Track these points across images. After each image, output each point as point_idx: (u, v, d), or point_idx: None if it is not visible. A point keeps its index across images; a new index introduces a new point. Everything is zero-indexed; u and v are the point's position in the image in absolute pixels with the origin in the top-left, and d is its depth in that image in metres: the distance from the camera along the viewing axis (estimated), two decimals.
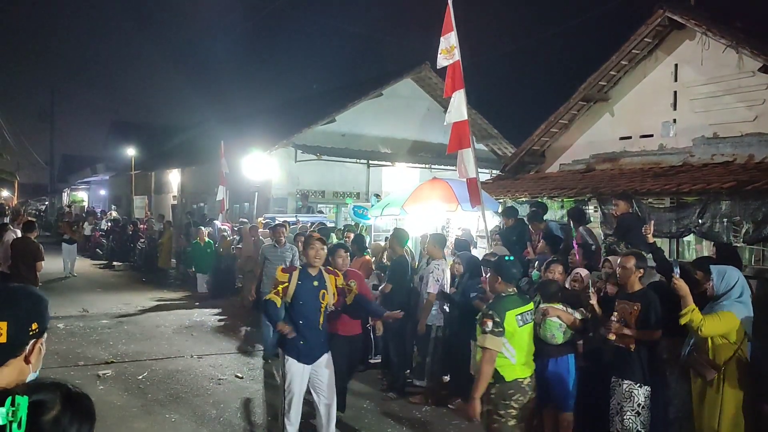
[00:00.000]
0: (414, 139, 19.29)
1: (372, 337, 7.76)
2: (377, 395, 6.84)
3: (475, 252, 7.98)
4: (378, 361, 7.87)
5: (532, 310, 4.40)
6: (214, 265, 13.72)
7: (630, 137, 11.26)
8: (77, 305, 11.97)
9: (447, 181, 9.03)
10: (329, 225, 12.87)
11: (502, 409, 4.14)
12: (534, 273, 6.61)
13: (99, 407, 1.41)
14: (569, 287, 5.64)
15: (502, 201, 10.48)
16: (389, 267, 7.64)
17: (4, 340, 1.57)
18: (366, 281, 7.77)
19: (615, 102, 11.57)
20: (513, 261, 4.53)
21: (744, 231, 7.26)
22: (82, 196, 40.16)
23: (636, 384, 4.66)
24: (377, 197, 13.74)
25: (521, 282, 6.31)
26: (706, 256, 6.37)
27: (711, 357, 4.54)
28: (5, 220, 18.42)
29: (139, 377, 7.29)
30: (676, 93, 10.47)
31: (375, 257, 8.89)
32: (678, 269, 4.81)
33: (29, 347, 1.61)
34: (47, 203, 47.08)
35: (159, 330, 10.02)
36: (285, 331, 4.84)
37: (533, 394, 4.30)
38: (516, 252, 7.48)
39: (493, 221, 8.86)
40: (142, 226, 20.68)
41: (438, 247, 6.92)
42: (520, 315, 4.21)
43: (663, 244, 7.83)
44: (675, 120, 10.47)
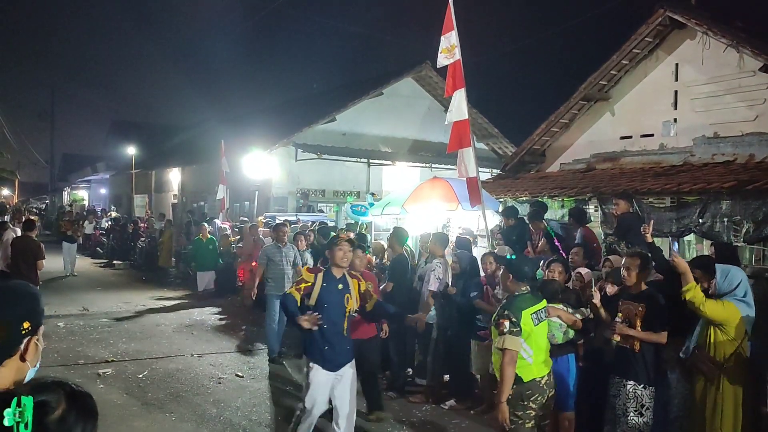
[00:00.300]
0: (414, 139, 19.30)
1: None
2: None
3: (476, 251, 7.97)
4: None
5: (545, 307, 4.37)
6: (217, 263, 13.74)
7: (630, 137, 11.26)
8: (77, 304, 11.97)
9: (447, 181, 9.02)
10: (330, 224, 12.87)
11: (520, 410, 4.08)
12: (539, 272, 6.59)
13: (99, 406, 1.41)
14: (571, 287, 5.64)
15: (502, 200, 10.48)
16: (389, 266, 7.64)
17: None
18: None
19: (615, 101, 11.57)
20: (525, 259, 4.49)
21: (744, 231, 7.25)
22: (82, 194, 40.17)
23: (640, 385, 4.65)
24: (372, 196, 13.75)
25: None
26: (705, 255, 6.36)
27: (712, 355, 4.54)
28: (6, 218, 18.42)
29: (140, 376, 7.29)
30: (676, 92, 10.48)
31: (376, 256, 8.89)
32: (677, 246, 4.78)
33: (24, 345, 1.60)
34: (47, 202, 47.10)
35: (159, 329, 10.02)
36: (308, 325, 4.51)
37: (552, 392, 4.24)
38: (516, 251, 7.48)
39: (494, 220, 8.85)
40: (142, 224, 20.68)
41: (440, 246, 6.91)
42: (534, 313, 4.18)
43: (663, 243, 7.83)
44: (675, 119, 10.47)
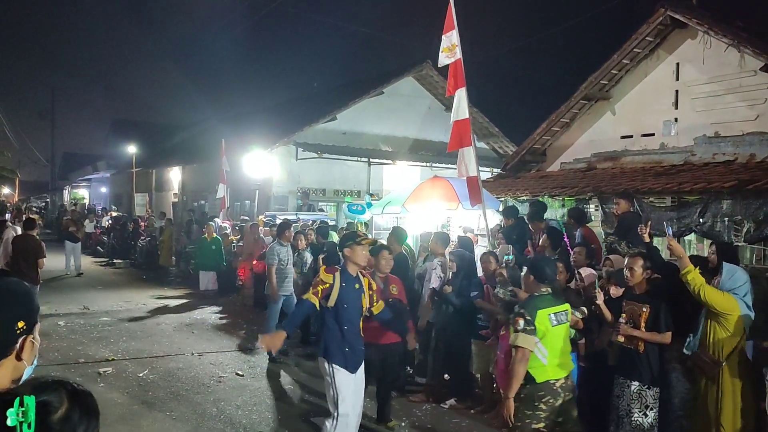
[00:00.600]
0: (415, 138, 19.29)
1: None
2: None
3: (477, 250, 7.96)
4: None
5: (567, 310, 4.33)
6: (221, 264, 13.73)
7: (631, 136, 11.25)
8: (78, 303, 11.98)
9: (448, 180, 9.01)
10: (330, 223, 12.87)
11: (529, 410, 4.08)
12: None
13: (99, 405, 1.41)
14: (573, 287, 5.63)
15: (503, 200, 10.48)
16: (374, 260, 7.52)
17: None
18: None
19: (616, 101, 11.57)
20: (548, 260, 4.45)
21: (745, 230, 7.25)
22: (83, 193, 40.19)
23: (644, 386, 4.66)
24: (371, 196, 13.75)
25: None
26: (699, 255, 6.35)
27: (711, 352, 4.55)
28: (6, 217, 18.42)
29: (140, 375, 7.30)
30: (677, 92, 10.47)
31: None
32: (671, 230, 4.79)
33: (19, 345, 1.60)
34: (48, 200, 47.11)
35: (160, 327, 10.03)
36: (267, 346, 4.75)
37: (567, 395, 4.19)
38: (517, 251, 7.48)
39: (494, 220, 8.85)
40: (142, 223, 20.69)
41: (440, 245, 6.90)
42: (553, 314, 4.15)
43: (662, 243, 7.82)
44: (676, 119, 10.46)
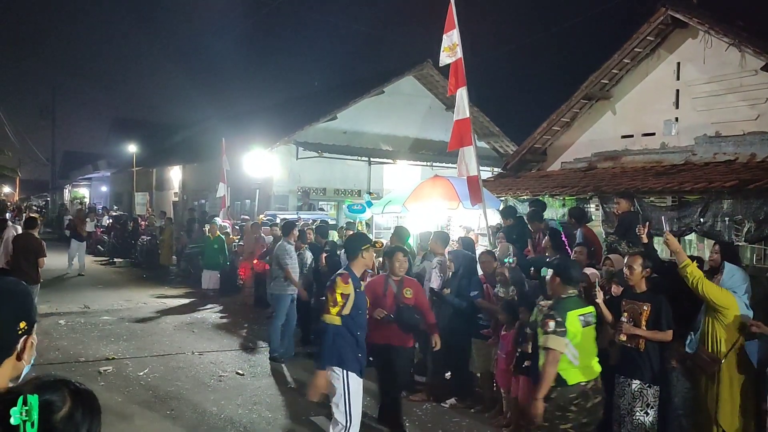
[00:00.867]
0: (415, 137, 19.29)
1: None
2: (378, 393, 6.82)
3: (478, 250, 7.95)
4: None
5: (593, 312, 4.36)
6: (223, 263, 13.66)
7: (632, 135, 11.25)
8: (78, 301, 11.98)
9: (448, 179, 9.01)
10: (331, 222, 12.87)
11: (559, 412, 4.11)
12: (543, 270, 6.58)
13: (100, 403, 1.41)
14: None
15: (503, 199, 10.48)
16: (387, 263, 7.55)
17: None
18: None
19: (617, 100, 11.56)
20: (574, 262, 4.44)
21: (746, 230, 7.25)
22: (83, 192, 40.19)
23: (646, 384, 4.67)
24: (370, 195, 13.75)
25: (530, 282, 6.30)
26: (696, 256, 6.35)
27: (710, 350, 4.55)
28: (7, 216, 18.43)
29: (140, 374, 7.30)
30: (678, 91, 10.46)
31: (377, 253, 8.87)
32: (667, 226, 4.79)
33: (20, 345, 1.60)
34: (48, 199, 47.12)
35: (160, 327, 10.03)
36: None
37: (597, 398, 4.21)
38: (517, 250, 7.46)
39: (495, 219, 8.84)
40: (143, 222, 20.69)
41: (440, 244, 6.89)
42: (582, 315, 4.19)
43: (662, 242, 7.81)
44: (677, 118, 10.45)
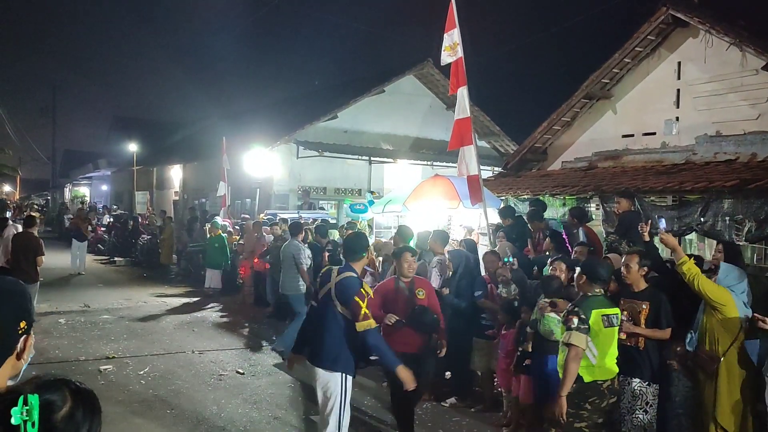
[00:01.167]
0: (416, 136, 19.29)
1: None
2: (378, 391, 6.83)
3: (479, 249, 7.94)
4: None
5: (617, 314, 4.38)
6: (223, 262, 13.66)
7: (632, 135, 11.25)
8: (78, 300, 11.99)
9: (449, 178, 9.01)
10: (331, 221, 12.87)
11: (572, 409, 4.15)
12: (545, 269, 6.58)
13: (100, 402, 1.41)
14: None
15: (504, 198, 10.47)
16: (396, 264, 7.49)
17: None
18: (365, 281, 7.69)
19: (618, 100, 11.56)
20: (601, 261, 4.44)
21: (746, 229, 7.24)
22: (84, 191, 40.21)
23: (645, 382, 4.68)
24: (372, 194, 13.74)
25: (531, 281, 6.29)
26: (697, 255, 6.35)
27: (709, 348, 4.55)
28: (8, 215, 18.44)
29: (140, 372, 7.31)
30: (679, 91, 10.46)
31: (378, 253, 8.86)
32: (664, 223, 4.79)
33: (20, 345, 1.60)
34: (48, 198, 47.14)
35: (160, 325, 10.03)
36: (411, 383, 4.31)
37: (612, 398, 4.27)
38: (517, 249, 7.46)
39: (495, 218, 8.84)
40: (143, 221, 20.70)
41: (440, 244, 6.89)
42: (606, 316, 4.21)
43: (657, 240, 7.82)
44: (678, 118, 10.45)
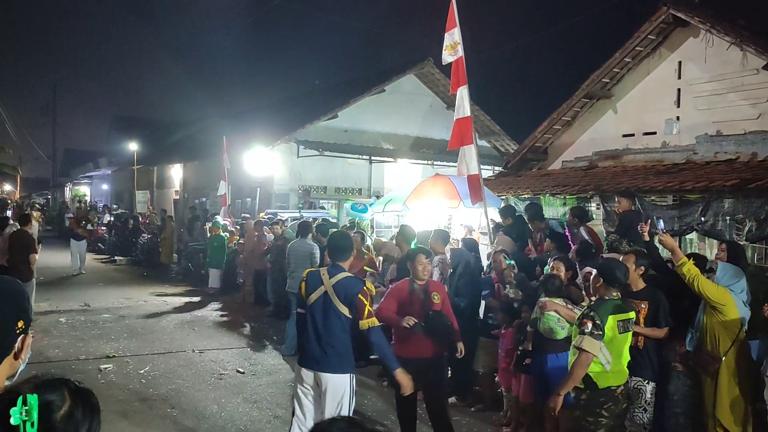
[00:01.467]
0: (416, 136, 19.28)
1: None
2: (379, 390, 6.84)
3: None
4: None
5: (632, 318, 4.30)
6: (222, 261, 13.72)
7: (633, 135, 11.25)
8: (79, 300, 11.99)
9: (449, 178, 9.00)
10: (332, 221, 12.87)
11: (591, 417, 4.07)
12: (546, 269, 6.56)
13: (100, 401, 1.41)
14: (581, 285, 5.62)
15: (504, 198, 10.47)
16: (398, 264, 7.49)
17: None
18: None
19: (618, 99, 11.55)
20: (618, 263, 4.36)
21: (747, 229, 7.25)
22: (84, 190, 40.19)
23: (644, 381, 4.68)
24: (377, 198, 13.72)
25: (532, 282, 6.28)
26: (698, 253, 6.36)
27: (710, 348, 4.55)
28: (8, 214, 18.45)
29: (141, 371, 7.31)
30: (679, 90, 10.46)
31: (378, 253, 8.85)
32: (663, 224, 4.79)
33: (18, 344, 1.60)
34: (49, 197, 47.14)
35: (160, 325, 10.04)
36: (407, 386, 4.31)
37: (625, 403, 4.24)
38: (517, 249, 7.45)
39: (495, 217, 8.83)
40: (144, 220, 20.70)
41: (440, 243, 6.88)
42: (621, 321, 4.12)
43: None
44: (678, 117, 10.45)
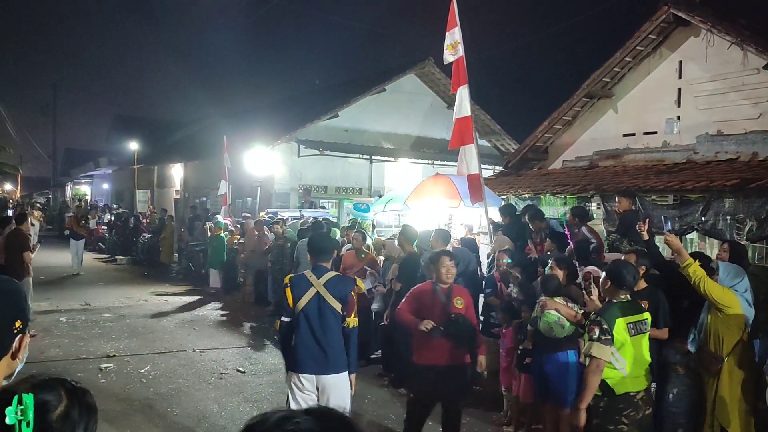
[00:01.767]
0: (417, 135, 19.27)
1: (371, 331, 7.77)
2: (379, 390, 6.84)
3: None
4: (378, 356, 7.88)
5: (647, 319, 4.14)
6: (226, 260, 13.70)
7: (633, 134, 11.24)
8: (79, 299, 12.00)
9: (450, 177, 9.01)
10: (332, 220, 12.88)
11: (611, 425, 3.92)
12: (546, 269, 6.56)
13: (101, 401, 1.42)
14: (582, 284, 5.61)
15: (504, 197, 10.47)
16: (400, 264, 7.48)
17: None
18: (364, 281, 7.65)
19: (619, 99, 11.55)
20: (628, 265, 4.24)
21: (747, 229, 7.25)
22: (84, 189, 40.20)
23: None
24: (379, 198, 13.72)
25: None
26: (701, 252, 6.37)
27: (713, 348, 4.55)
28: (9, 213, 18.47)
29: (141, 371, 7.32)
30: (680, 90, 10.46)
31: (378, 252, 8.86)
32: (669, 225, 4.77)
33: (16, 344, 1.60)
34: (50, 196, 47.13)
35: (161, 324, 10.04)
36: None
37: (648, 409, 4.05)
38: (517, 249, 7.45)
39: (495, 217, 8.83)
40: (144, 220, 20.71)
41: (441, 243, 6.87)
42: (632, 323, 3.96)
43: (661, 240, 7.82)
44: (679, 117, 10.44)
